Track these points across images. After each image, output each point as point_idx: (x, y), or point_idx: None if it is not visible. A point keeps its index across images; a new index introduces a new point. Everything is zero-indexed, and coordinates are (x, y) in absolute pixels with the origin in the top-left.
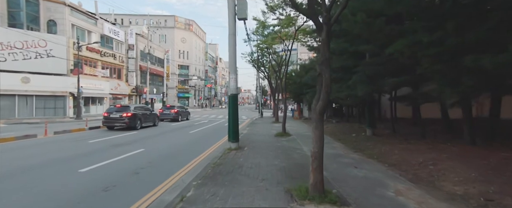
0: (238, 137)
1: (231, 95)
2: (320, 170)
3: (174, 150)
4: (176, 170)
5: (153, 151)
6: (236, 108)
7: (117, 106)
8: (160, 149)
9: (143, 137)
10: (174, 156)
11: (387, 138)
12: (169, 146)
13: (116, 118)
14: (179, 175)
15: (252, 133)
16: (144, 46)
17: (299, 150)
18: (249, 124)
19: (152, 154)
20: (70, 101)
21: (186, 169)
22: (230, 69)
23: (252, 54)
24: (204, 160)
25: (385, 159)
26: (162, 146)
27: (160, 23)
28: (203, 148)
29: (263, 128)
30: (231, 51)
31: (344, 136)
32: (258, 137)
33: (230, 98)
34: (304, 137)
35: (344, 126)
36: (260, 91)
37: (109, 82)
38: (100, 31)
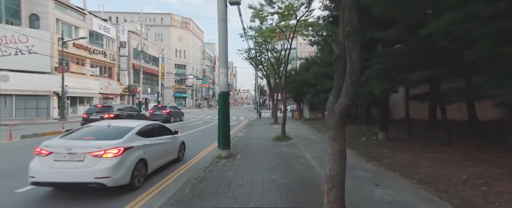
0: (229, 143)
1: (221, 93)
2: (341, 203)
3: None
4: (147, 188)
5: None
6: (227, 109)
7: (98, 106)
8: None
9: None
10: None
11: (404, 144)
12: None
13: (96, 120)
14: (149, 195)
15: (248, 136)
16: (137, 43)
17: (302, 159)
18: (246, 125)
19: None
20: (55, 101)
21: (160, 186)
22: (220, 62)
23: (250, 50)
24: (186, 172)
25: (411, 172)
26: None
27: (156, 21)
28: (189, 156)
29: (261, 130)
30: (222, 41)
31: (352, 140)
32: (255, 141)
33: (220, 97)
34: (307, 141)
35: (349, 128)
36: (259, 91)
37: (98, 81)
38: (88, 27)
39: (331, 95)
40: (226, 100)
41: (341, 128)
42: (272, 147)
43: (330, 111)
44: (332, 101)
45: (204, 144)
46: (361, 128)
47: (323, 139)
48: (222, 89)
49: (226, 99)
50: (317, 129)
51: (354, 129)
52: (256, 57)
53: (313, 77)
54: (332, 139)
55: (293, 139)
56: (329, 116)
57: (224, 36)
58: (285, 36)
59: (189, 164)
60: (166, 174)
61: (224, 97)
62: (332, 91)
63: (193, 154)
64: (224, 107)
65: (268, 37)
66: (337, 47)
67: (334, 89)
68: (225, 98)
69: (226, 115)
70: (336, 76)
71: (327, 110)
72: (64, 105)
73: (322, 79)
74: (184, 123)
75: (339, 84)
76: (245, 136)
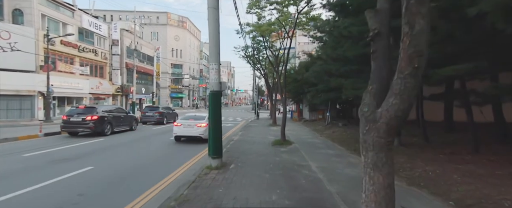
0: (221, 151)
1: (212, 92)
2: None
3: (135, 168)
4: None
5: (104, 170)
6: (218, 110)
7: (80, 107)
8: (115, 167)
9: (105, 146)
10: (129, 179)
11: (422, 151)
12: (132, 161)
13: (78, 122)
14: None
15: (244, 139)
16: (131, 42)
17: (306, 170)
18: (243, 127)
19: (98, 176)
20: (40, 102)
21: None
22: (211, 57)
23: (247, 48)
24: (167, 188)
25: (443, 190)
26: (121, 162)
27: (152, 19)
28: (176, 164)
29: (259, 133)
30: (212, 31)
31: (359, 145)
32: (252, 147)
33: (210, 97)
34: (309, 146)
35: (355, 131)
36: (256, 91)
37: (89, 81)
38: (78, 24)
39: (368, 94)
40: (218, 101)
41: (388, 150)
42: (271, 154)
43: (370, 120)
44: (369, 102)
45: (195, 150)
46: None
47: (327, 144)
48: (212, 88)
49: (217, 99)
50: (318, 132)
51: (354, 131)
52: (254, 55)
53: (314, 75)
54: (373, 166)
55: (294, 144)
56: (364, 129)
57: (215, 25)
58: (285, 30)
59: (173, 176)
60: (144, 188)
61: (215, 97)
62: (369, 87)
63: (179, 164)
64: (215, 108)
65: (266, 32)
66: (374, 18)
67: (374, 83)
68: (216, 98)
69: (217, 118)
70: (375, 64)
71: (360, 117)
72: (49, 105)
73: (326, 77)
74: None
75: (380, 76)
76: (241, 140)
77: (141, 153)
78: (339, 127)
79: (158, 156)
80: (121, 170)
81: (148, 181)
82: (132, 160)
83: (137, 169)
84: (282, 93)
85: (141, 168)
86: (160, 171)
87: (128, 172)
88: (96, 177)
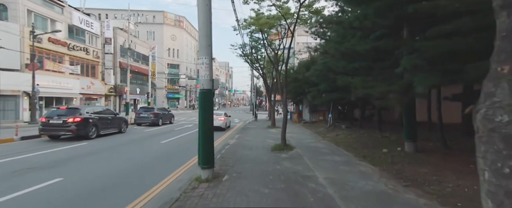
0: (213, 160)
1: (202, 91)
2: None
3: (111, 179)
4: None
5: (73, 183)
6: (209, 112)
7: (61, 108)
8: (88, 179)
9: (86, 152)
10: (98, 195)
11: (446, 160)
12: (111, 169)
13: (58, 125)
14: None
15: (241, 144)
16: (124, 40)
17: (313, 183)
18: (241, 129)
19: (63, 191)
20: (25, 102)
21: None
22: (201, 50)
23: (244, 46)
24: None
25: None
26: (98, 171)
27: (148, 19)
28: (161, 174)
29: (257, 136)
30: (203, 18)
31: (370, 151)
32: (249, 152)
33: (200, 97)
34: (312, 152)
35: (361, 134)
36: (255, 92)
37: (79, 80)
38: (67, 21)
39: (503, 82)
40: (209, 101)
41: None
42: (270, 162)
43: None
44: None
45: (187, 156)
46: (373, 134)
47: (332, 149)
48: (203, 86)
49: (208, 99)
50: (320, 135)
51: (366, 136)
52: (252, 54)
53: (316, 74)
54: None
55: (296, 149)
56: (500, 151)
57: (205, 12)
58: (285, 23)
59: (155, 191)
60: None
61: (205, 96)
62: (497, 68)
63: (167, 172)
64: (206, 109)
65: (265, 26)
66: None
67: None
68: (207, 98)
69: (208, 121)
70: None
71: (485, 131)
72: (35, 106)
73: (332, 75)
74: (172, 126)
75: None
76: (237, 144)
77: (124, 159)
78: (342, 130)
79: (143, 163)
80: (94, 182)
81: (122, 198)
82: (111, 169)
83: (113, 180)
84: (282, 93)
85: (118, 179)
86: (140, 184)
87: (101, 185)
88: (60, 192)
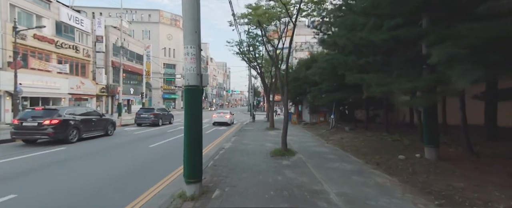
0: (201, 172)
1: (188, 88)
2: None
3: (77, 196)
4: None
5: (28, 202)
6: (197, 114)
7: (36, 109)
8: (49, 195)
9: (59, 160)
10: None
11: (478, 170)
12: (80, 182)
13: (33, 128)
14: None
15: (238, 148)
16: (117, 38)
17: (323, 200)
18: (238, 131)
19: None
20: (7, 102)
21: None
22: (185, 37)
23: (241, 43)
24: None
25: None
26: (63, 185)
27: (144, 17)
28: (138, 190)
29: (255, 139)
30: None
31: (384, 157)
32: (245, 159)
33: (185, 95)
34: (317, 158)
35: (368, 137)
36: (252, 92)
37: (68, 80)
38: (55, 17)
39: None
40: (196, 101)
41: None
42: (270, 171)
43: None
44: None
45: (172, 165)
46: (382, 137)
47: (339, 154)
48: (188, 82)
49: (195, 98)
50: (323, 137)
51: (376, 140)
52: (249, 51)
53: (319, 72)
54: None
55: (298, 154)
56: None
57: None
58: (287, 13)
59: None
60: None
61: (192, 95)
62: None
63: (146, 186)
64: (193, 112)
65: (263, 17)
66: None
67: None
68: (194, 97)
69: (195, 126)
70: None
71: None
72: (17, 107)
73: (341, 71)
74: (165, 128)
75: None
76: (233, 148)
77: (99, 169)
78: (346, 132)
79: (120, 173)
80: (54, 200)
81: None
82: (80, 182)
83: (78, 197)
84: (283, 93)
85: (85, 196)
86: (110, 201)
87: (61, 204)
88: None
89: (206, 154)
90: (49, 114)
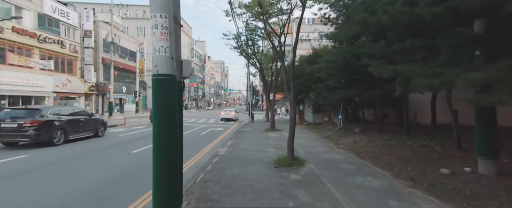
0: (179, 197)
1: (157, 79)
2: None
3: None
4: None
5: None
6: (171, 117)
7: (17, 108)
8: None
9: (30, 167)
10: None
11: None
12: (42, 198)
13: (12, 129)
14: None
15: (234, 155)
16: (107, 33)
17: None
18: (235, 132)
19: None
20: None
21: None
22: (152, 0)
23: (239, 37)
24: None
25: None
26: (21, 202)
27: (138, 14)
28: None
29: (254, 143)
30: None
31: (418, 170)
32: (244, 171)
33: (155, 87)
34: (332, 169)
35: (386, 141)
36: (251, 90)
37: (53, 77)
38: (37, 9)
39: None
40: (171, 97)
41: None
42: (277, 191)
43: None
44: None
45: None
46: (404, 141)
47: (357, 163)
48: (159, 69)
49: (170, 93)
50: (332, 140)
51: (397, 145)
52: (248, 45)
53: (328, 66)
54: None
55: (308, 164)
56: None
57: None
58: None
59: None
60: None
61: (163, 88)
62: None
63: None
64: (165, 110)
65: (265, 1)
66: None
67: None
68: (167, 92)
69: (167, 134)
70: None
71: None
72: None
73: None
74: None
75: None
76: (229, 155)
77: (72, 179)
78: (357, 134)
79: (97, 184)
80: None
81: None
82: (42, 197)
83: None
84: (289, 89)
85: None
86: None
87: None
88: None
89: (196, 163)
90: (30, 114)
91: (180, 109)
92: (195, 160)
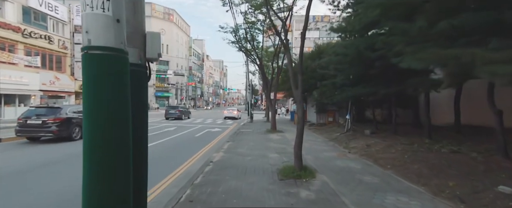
0: None
1: (88, 54)
2: None
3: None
4: None
5: None
6: (125, 122)
7: (41, 107)
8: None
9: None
10: None
11: None
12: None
13: (37, 125)
14: None
15: (230, 163)
16: None
17: None
18: (233, 134)
19: None
20: None
21: None
22: None
23: (237, 30)
24: None
25: None
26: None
27: None
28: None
29: (254, 146)
30: None
31: (461, 185)
32: (241, 186)
33: (85, 71)
34: (351, 182)
35: (406, 146)
36: (250, 90)
37: (39, 74)
38: (21, 2)
39: None
40: (122, 84)
41: None
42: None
43: None
44: None
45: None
46: (429, 146)
47: (380, 175)
48: (90, 41)
49: (117, 76)
50: (340, 143)
51: (422, 150)
52: (247, 40)
53: (337, 60)
54: None
55: (320, 175)
56: None
57: None
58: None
59: None
60: None
61: (103, 67)
62: None
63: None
64: (106, 111)
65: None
66: None
67: None
68: (109, 74)
69: (116, 149)
70: None
71: None
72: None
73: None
74: (153, 129)
75: None
76: (225, 162)
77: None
78: (368, 137)
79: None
80: None
81: None
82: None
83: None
84: (296, 85)
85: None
86: None
87: None
88: None
89: (186, 172)
90: (53, 112)
91: (143, 107)
92: (185, 167)
